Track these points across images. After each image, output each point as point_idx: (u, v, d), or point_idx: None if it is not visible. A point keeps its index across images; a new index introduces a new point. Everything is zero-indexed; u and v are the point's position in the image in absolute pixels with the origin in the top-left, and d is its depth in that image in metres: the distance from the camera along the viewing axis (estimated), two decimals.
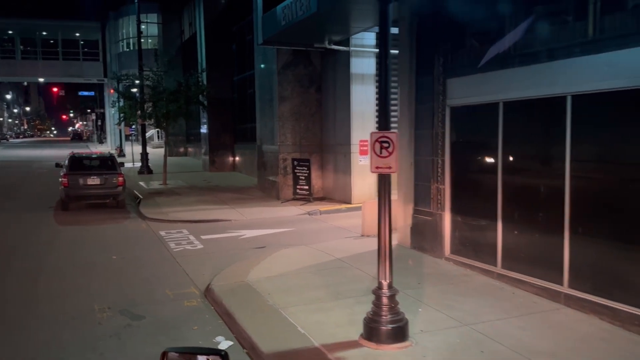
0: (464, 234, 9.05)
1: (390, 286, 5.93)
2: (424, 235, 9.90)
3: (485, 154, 8.56)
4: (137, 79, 23.22)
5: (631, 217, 6.27)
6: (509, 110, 7.89)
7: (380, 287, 5.94)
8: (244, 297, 7.56)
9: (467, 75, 8.62)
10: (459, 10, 8.57)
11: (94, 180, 15.18)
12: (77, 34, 50.19)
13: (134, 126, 40.68)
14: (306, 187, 16.63)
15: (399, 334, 5.83)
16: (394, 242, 10.71)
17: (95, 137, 79.71)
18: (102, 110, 59.01)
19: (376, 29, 13.56)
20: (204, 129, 28.77)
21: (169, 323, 6.95)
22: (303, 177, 16.69)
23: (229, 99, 27.28)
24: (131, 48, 40.52)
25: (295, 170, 16.81)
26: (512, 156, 8.02)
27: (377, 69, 15.40)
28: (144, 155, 25.77)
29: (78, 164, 15.73)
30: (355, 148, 15.58)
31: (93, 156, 17.30)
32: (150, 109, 21.25)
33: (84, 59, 50.12)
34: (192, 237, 12.09)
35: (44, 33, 49.34)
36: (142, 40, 28.89)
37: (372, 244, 6.83)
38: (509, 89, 7.78)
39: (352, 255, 9.87)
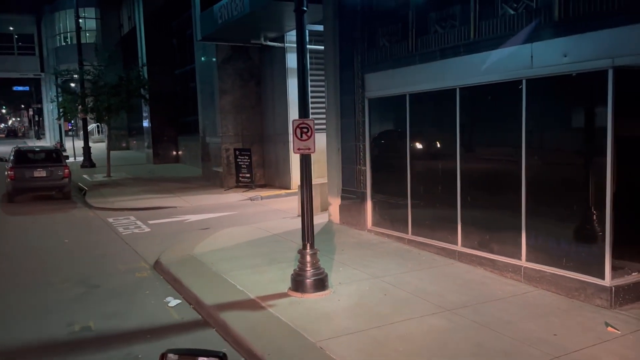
0: (382, 208, 10.45)
1: (312, 247, 7.20)
2: (350, 211, 11.25)
3: (397, 139, 9.97)
4: (78, 74, 23.44)
5: (503, 189, 7.79)
6: (414, 101, 9.31)
7: (304, 247, 7.20)
8: (190, 266, 8.64)
9: (380, 71, 9.98)
10: (372, 14, 9.93)
11: (40, 173, 15.67)
12: (11, 28, 48.71)
13: (72, 121, 40.22)
14: (248, 175, 17.72)
15: (320, 284, 7.11)
16: (326, 219, 12.12)
17: (32, 133, 77.11)
18: (39, 106, 57.42)
19: (311, 27, 14.76)
20: (146, 122, 29.19)
21: (122, 289, 7.95)
22: (245, 166, 17.76)
23: (171, 92, 27.81)
24: (69, 42, 39.98)
25: (238, 160, 17.85)
26: (417, 141, 9.47)
27: (311, 65, 16.62)
28: (87, 149, 26.01)
29: (23, 157, 16.15)
30: (292, 137, 16.73)
31: (37, 149, 17.67)
32: (91, 103, 21.62)
33: (19, 53, 48.79)
34: (139, 222, 12.97)
35: None
36: (80, 34, 28.89)
37: None
38: (413, 82, 9.18)
39: (287, 231, 11.09)
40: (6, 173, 15.88)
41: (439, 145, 9.20)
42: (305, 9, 7.19)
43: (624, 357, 5.19)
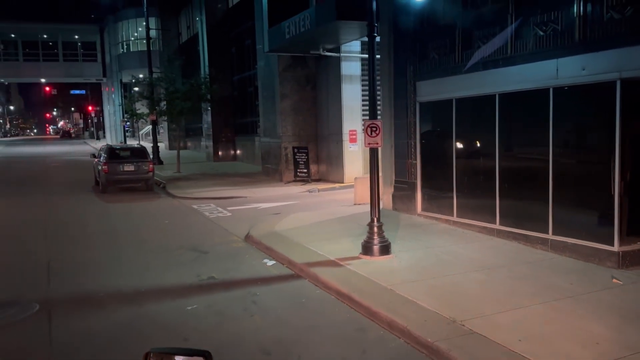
0: (431, 196, 12.30)
1: (378, 220, 9.16)
2: (402, 199, 13.15)
3: (444, 138, 11.81)
4: (148, 80, 26.14)
5: (534, 178, 9.54)
6: (459, 105, 11.15)
7: (372, 220, 9.16)
8: (276, 239, 10.73)
9: (430, 79, 11.85)
10: (423, 31, 11.81)
11: (129, 167, 18.17)
12: (76, 37, 52.69)
13: (128, 123, 43.39)
14: (305, 171, 19.82)
15: (385, 250, 9.06)
16: (380, 206, 14.02)
17: (87, 134, 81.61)
18: (97, 108, 61.47)
19: (362, 37, 16.71)
20: (206, 124, 31.77)
21: (227, 254, 10.11)
22: (302, 162, 19.88)
23: (229, 96, 30.31)
24: (130, 49, 43.36)
25: (296, 157, 19.98)
26: (461, 139, 11.30)
27: (362, 71, 18.64)
28: (155, 148, 28.71)
29: (114, 154, 18.69)
30: (345, 137, 18.80)
31: (125, 147, 20.28)
32: (165, 106, 24.21)
33: (84, 60, 52.69)
34: (220, 209, 15.20)
35: (45, 36, 51.72)
36: (143, 42, 31.83)
37: (363, 209, 9.99)
38: (459, 89, 11.02)
39: (348, 215, 13.08)
40: (100, 167, 18.43)
41: (480, 143, 11.01)
42: (375, 34, 9.06)
43: (621, 298, 6.93)
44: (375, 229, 9.11)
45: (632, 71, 7.81)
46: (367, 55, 15.81)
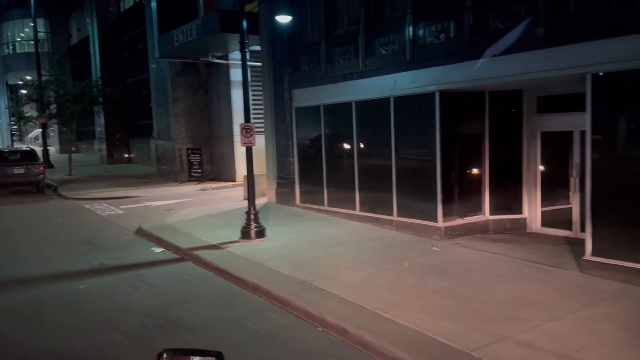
0: (307, 189, 14.08)
1: (254, 209, 10.71)
2: (284, 193, 14.82)
3: (315, 139, 13.63)
4: (37, 83, 25.80)
5: (382, 172, 11.58)
6: (326, 110, 13.02)
7: (249, 209, 10.70)
8: (165, 230, 11.93)
9: (303, 88, 13.63)
10: (295, 46, 13.56)
11: (19, 170, 18.29)
12: None
13: (15, 126, 41.65)
14: (199, 171, 20.97)
15: (260, 234, 10.64)
16: (265, 200, 15.61)
17: None
18: None
19: (250, 47, 18.20)
20: (100, 126, 31.62)
21: (119, 245, 11.17)
22: (196, 163, 21.00)
23: (123, 99, 30.41)
24: (17, 51, 41.53)
25: (190, 158, 21.06)
26: (329, 139, 13.18)
27: (252, 78, 20.11)
28: (45, 151, 28.24)
29: (3, 157, 18.68)
30: (237, 138, 20.14)
31: (14, 150, 20.20)
32: (55, 109, 24.12)
33: None
34: (113, 207, 15.99)
35: None
36: (30, 43, 31.07)
37: None
38: (325, 97, 12.88)
39: (235, 209, 14.48)
40: None
41: (343, 143, 12.93)
42: (247, 50, 10.62)
43: (436, 260, 9.02)
44: (252, 217, 10.66)
45: (447, 84, 10.01)
46: (255, 63, 17.46)
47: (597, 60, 7.37)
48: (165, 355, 2.26)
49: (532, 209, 10.60)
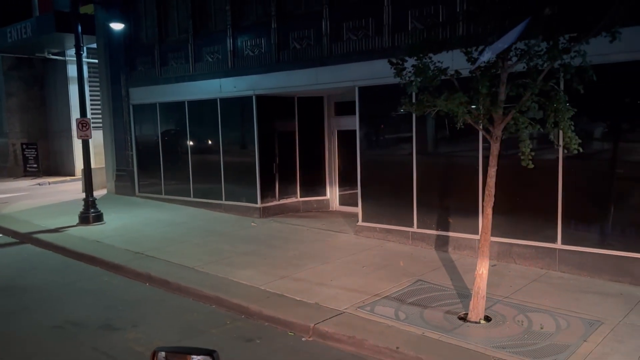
0: (146, 180, 15.36)
1: (92, 195, 11.87)
2: (124, 184, 15.90)
3: (152, 134, 14.99)
4: None
5: (211, 167, 13.39)
6: (162, 108, 14.47)
7: (87, 196, 11.83)
8: (2, 219, 12.48)
9: (139, 87, 14.90)
10: (132, 48, 14.81)
11: None
12: None
13: None
14: (35, 165, 20.84)
15: (97, 218, 11.84)
16: (105, 192, 16.51)
17: None
18: None
19: (87, 45, 18.75)
20: None
21: None
22: (32, 158, 20.85)
23: None
24: None
25: (25, 153, 20.82)
26: (165, 135, 14.66)
27: (89, 74, 20.58)
28: None
29: None
30: (75, 133, 20.45)
31: None
32: None
33: None
34: None
35: None
36: None
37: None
38: (161, 96, 14.32)
39: (73, 200, 15.19)
40: None
41: (178, 137, 14.49)
42: (82, 52, 11.74)
43: (251, 232, 11.09)
44: (90, 203, 11.81)
45: (261, 90, 12.14)
46: (93, 60, 18.09)
47: (360, 77, 10.00)
48: (159, 355, 2.24)
49: (332, 192, 13.21)
